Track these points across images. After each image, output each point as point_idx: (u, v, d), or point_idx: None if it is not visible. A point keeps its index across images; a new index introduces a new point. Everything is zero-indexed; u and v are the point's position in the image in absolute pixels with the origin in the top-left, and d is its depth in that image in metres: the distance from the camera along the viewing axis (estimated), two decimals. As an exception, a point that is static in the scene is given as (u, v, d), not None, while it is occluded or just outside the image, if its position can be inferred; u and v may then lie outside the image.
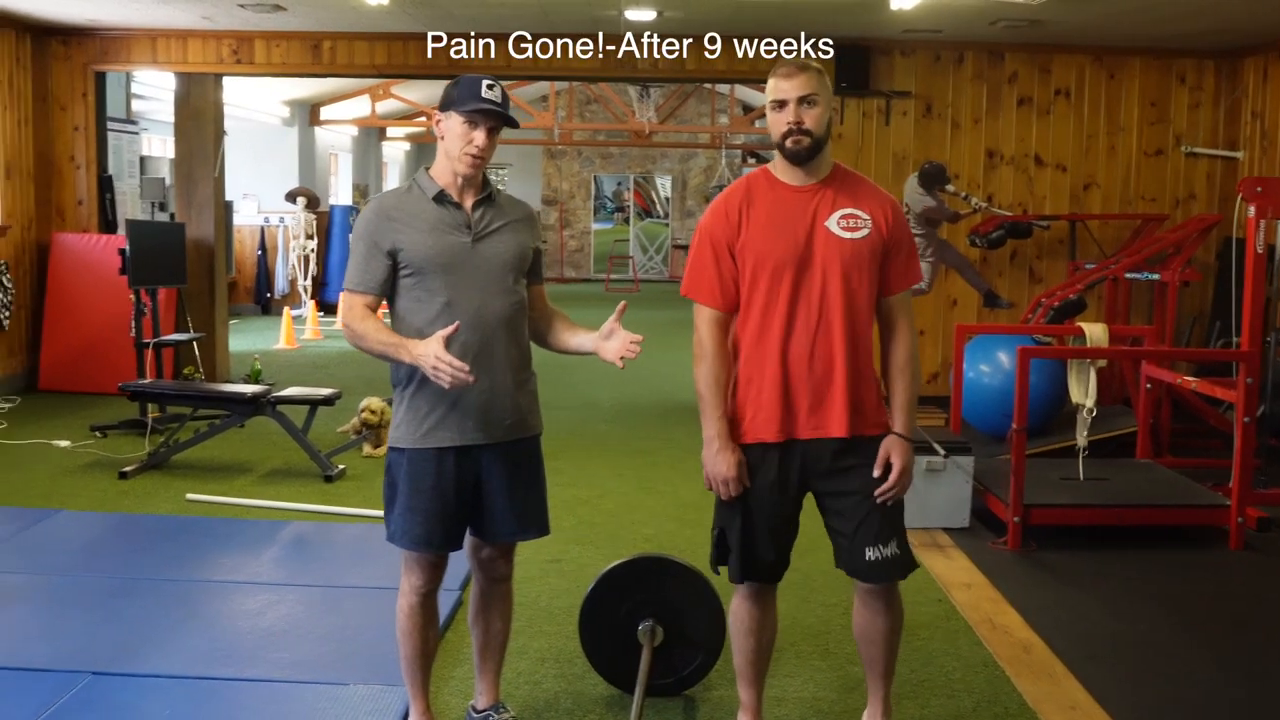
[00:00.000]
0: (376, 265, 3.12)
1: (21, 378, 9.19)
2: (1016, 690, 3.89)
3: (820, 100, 3.01)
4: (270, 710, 3.62)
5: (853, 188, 3.11)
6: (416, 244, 3.10)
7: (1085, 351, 6.17)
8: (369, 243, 3.12)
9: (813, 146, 3.03)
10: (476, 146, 3.10)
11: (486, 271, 3.14)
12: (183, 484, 6.42)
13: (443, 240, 3.11)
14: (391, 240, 3.10)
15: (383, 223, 3.13)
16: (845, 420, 3.05)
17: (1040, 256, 9.24)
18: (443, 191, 3.15)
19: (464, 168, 3.12)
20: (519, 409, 3.22)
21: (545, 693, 3.81)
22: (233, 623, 4.36)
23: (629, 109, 18.41)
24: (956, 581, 5.00)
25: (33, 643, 4.10)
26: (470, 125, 3.09)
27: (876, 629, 3.26)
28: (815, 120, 3.01)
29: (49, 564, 5.00)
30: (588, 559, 5.15)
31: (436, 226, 3.12)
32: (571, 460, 7.19)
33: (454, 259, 3.11)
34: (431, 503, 3.14)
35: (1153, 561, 5.39)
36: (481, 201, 3.19)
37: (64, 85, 9.42)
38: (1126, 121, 9.14)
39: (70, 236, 9.37)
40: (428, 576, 3.25)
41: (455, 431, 3.13)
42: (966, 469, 5.76)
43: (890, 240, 3.09)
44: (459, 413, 3.11)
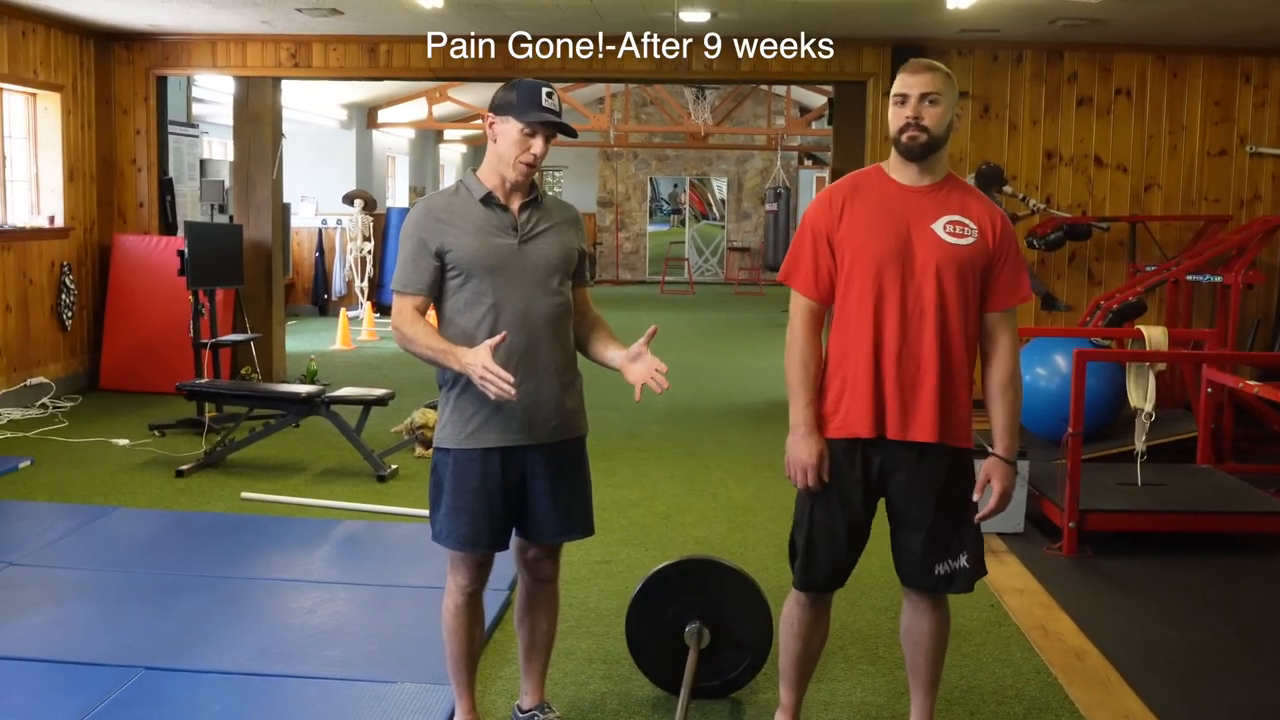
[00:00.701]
0: (424, 266, 3.13)
1: (83, 377, 9.35)
2: (1069, 698, 3.82)
3: (943, 101, 2.98)
4: (318, 707, 3.65)
5: (964, 195, 3.07)
6: (464, 245, 3.11)
7: (1143, 355, 6.07)
8: (416, 243, 3.13)
9: (928, 144, 2.99)
10: (533, 155, 3.10)
11: (532, 274, 3.14)
12: (238, 483, 6.48)
13: (489, 242, 3.12)
14: (439, 241, 3.11)
15: (430, 223, 3.14)
16: (933, 425, 3.00)
17: (1099, 258, 9.11)
18: (490, 193, 3.15)
19: (516, 175, 3.13)
20: (563, 411, 3.21)
21: (591, 694, 3.80)
22: (284, 620, 4.40)
23: (685, 111, 18.40)
24: (1009, 587, 4.93)
25: (88, 637, 4.16)
26: (529, 134, 3.09)
27: (921, 631, 3.22)
28: (934, 119, 2.97)
29: (106, 560, 5.07)
30: (637, 560, 5.14)
31: (483, 228, 3.12)
32: (624, 462, 7.19)
33: (500, 261, 3.11)
34: (477, 503, 3.15)
35: (1212, 569, 5.29)
36: (529, 204, 3.19)
37: (126, 89, 9.57)
38: (1189, 121, 8.99)
39: (131, 238, 9.51)
40: (473, 576, 3.27)
41: (500, 432, 3.13)
42: (1022, 474, 5.68)
43: (996, 253, 3.03)
44: (504, 414, 3.11)
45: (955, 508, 3.08)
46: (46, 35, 8.77)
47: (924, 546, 3.09)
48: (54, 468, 6.78)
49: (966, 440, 3.08)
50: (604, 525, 5.67)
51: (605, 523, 5.75)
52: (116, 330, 9.41)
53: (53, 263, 8.95)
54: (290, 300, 14.52)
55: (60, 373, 9.02)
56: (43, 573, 4.87)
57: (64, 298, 9.04)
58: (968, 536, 3.11)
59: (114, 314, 9.43)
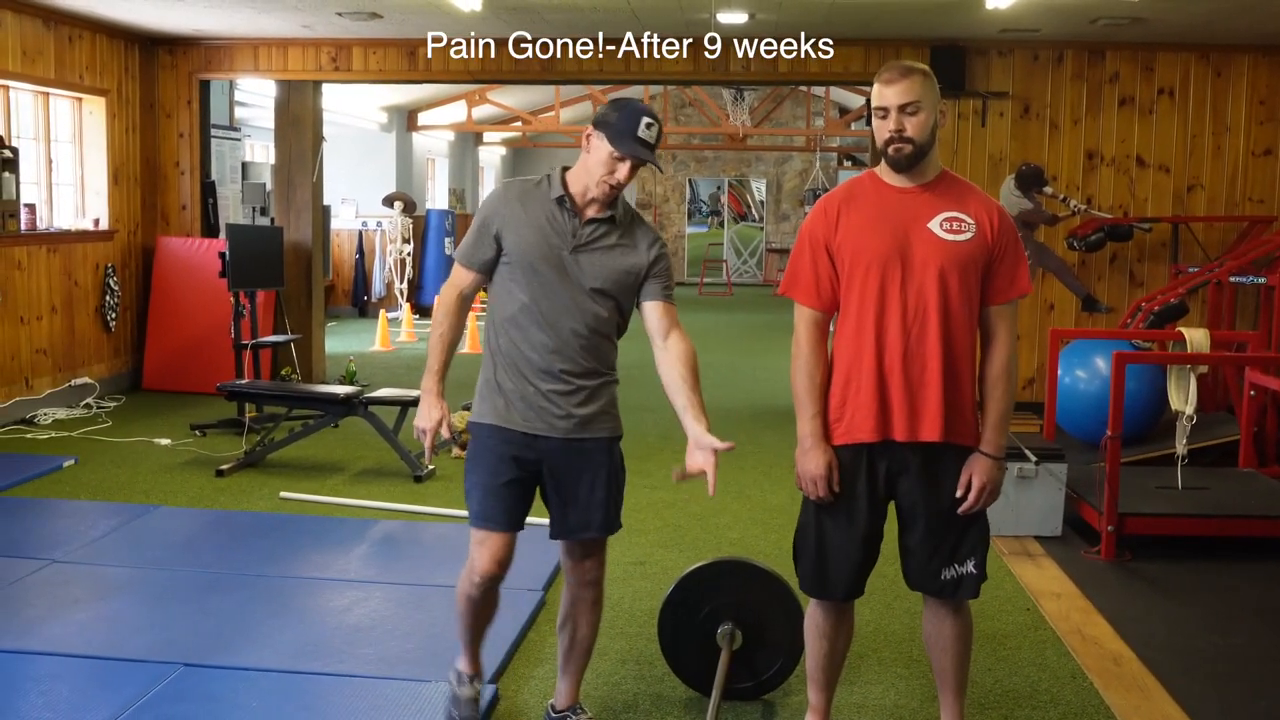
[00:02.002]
0: (484, 245, 3.24)
1: (126, 377, 9.46)
2: (1105, 703, 3.79)
3: (923, 107, 2.97)
4: (355, 705, 3.68)
5: (960, 192, 3.06)
6: (520, 237, 3.19)
7: (1184, 357, 6.01)
8: (482, 220, 3.27)
9: (914, 154, 2.99)
10: (617, 180, 3.15)
11: (574, 283, 3.19)
12: (277, 482, 6.54)
13: (545, 242, 3.18)
14: (499, 225, 3.22)
15: (501, 206, 3.25)
16: (939, 424, 2.99)
17: (1141, 260, 9.03)
18: (564, 196, 3.21)
19: (598, 193, 3.17)
20: (580, 413, 3.24)
21: (624, 694, 3.81)
22: (321, 618, 4.43)
23: (723, 112, 18.38)
24: (1046, 591, 4.90)
25: (129, 634, 4.21)
26: (618, 159, 3.13)
27: (944, 635, 3.21)
28: (917, 128, 2.96)
29: (147, 558, 5.13)
30: (672, 562, 5.14)
31: (544, 227, 3.19)
32: (660, 463, 7.18)
33: (547, 262, 3.17)
34: (485, 476, 3.25)
35: (1253, 574, 5.23)
36: (600, 219, 3.22)
37: (170, 93, 9.69)
38: (1234, 121, 8.89)
39: (174, 240, 9.62)
40: (493, 557, 3.27)
41: (518, 415, 3.23)
42: (1059, 476, 5.65)
43: (995, 247, 3.02)
44: (522, 403, 3.22)
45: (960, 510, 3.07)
46: (92, 40, 8.89)
47: (928, 549, 3.08)
48: (97, 467, 6.87)
49: (973, 439, 3.06)
50: (639, 526, 5.73)
51: (640, 524, 5.80)
52: (159, 331, 9.52)
53: (97, 265, 9.07)
54: (330, 302, 14.61)
55: (104, 373, 9.14)
56: (85, 570, 4.94)
57: (108, 299, 9.16)
58: (975, 541, 3.10)
59: (157, 315, 9.53)
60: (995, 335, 3.08)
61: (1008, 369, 3.07)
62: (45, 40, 8.34)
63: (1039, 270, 8.56)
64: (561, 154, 23.31)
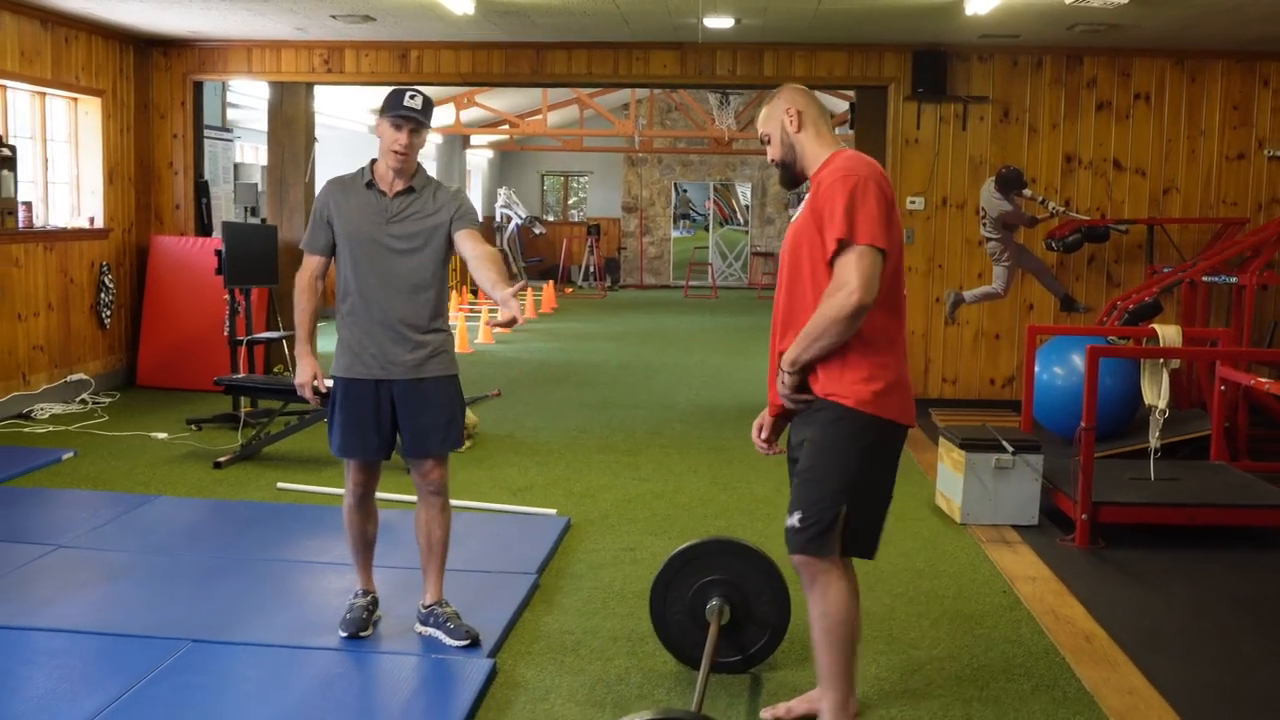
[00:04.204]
0: (321, 232, 4.02)
1: (121, 374, 9.59)
2: (1076, 676, 3.97)
3: (770, 135, 3.35)
4: (355, 675, 3.85)
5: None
6: (344, 219, 3.96)
7: (1155, 351, 6.20)
8: (316, 212, 4.04)
9: (786, 169, 3.37)
10: (401, 144, 3.87)
11: (392, 249, 3.92)
12: (274, 474, 6.68)
13: (364, 219, 3.93)
14: (329, 213, 4.00)
15: (329, 198, 4.02)
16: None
17: (1118, 261, 9.24)
18: (371, 180, 3.97)
19: (394, 162, 3.91)
20: (415, 356, 3.96)
21: (616, 669, 3.97)
22: (323, 599, 4.58)
23: (709, 117, 18.57)
24: (1022, 575, 5.08)
25: (138, 613, 4.36)
26: (394, 127, 3.87)
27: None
28: (775, 152, 3.36)
29: (151, 544, 5.27)
30: (661, 548, 5.29)
31: (362, 207, 3.95)
32: (648, 457, 7.36)
33: (365, 235, 3.92)
34: (352, 419, 4.01)
35: (1222, 561, 5.41)
36: (403, 192, 3.96)
37: (164, 94, 9.83)
38: (1208, 125, 9.11)
39: (168, 239, 9.75)
40: (359, 480, 4.12)
41: (365, 367, 3.98)
42: (1035, 467, 5.82)
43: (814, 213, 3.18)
44: (368, 354, 3.96)
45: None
46: (88, 41, 9.02)
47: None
48: (96, 459, 7.00)
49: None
50: (628, 515, 5.90)
51: (630, 513, 5.97)
52: (153, 329, 9.64)
53: (92, 263, 9.19)
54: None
55: (99, 370, 9.26)
56: (91, 555, 5.08)
57: (103, 296, 9.28)
58: (799, 495, 3.29)
59: (151, 313, 9.66)
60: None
61: (830, 294, 3.11)
62: (42, 41, 8.47)
63: (1018, 271, 8.75)
64: (548, 157, 23.48)
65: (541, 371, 11.14)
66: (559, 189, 26.15)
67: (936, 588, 4.91)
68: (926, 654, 4.16)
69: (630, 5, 7.79)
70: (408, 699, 3.72)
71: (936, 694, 3.81)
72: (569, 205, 26.40)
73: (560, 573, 5.00)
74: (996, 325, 9.32)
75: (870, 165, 3.21)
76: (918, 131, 9.17)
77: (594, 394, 9.86)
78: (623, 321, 15.89)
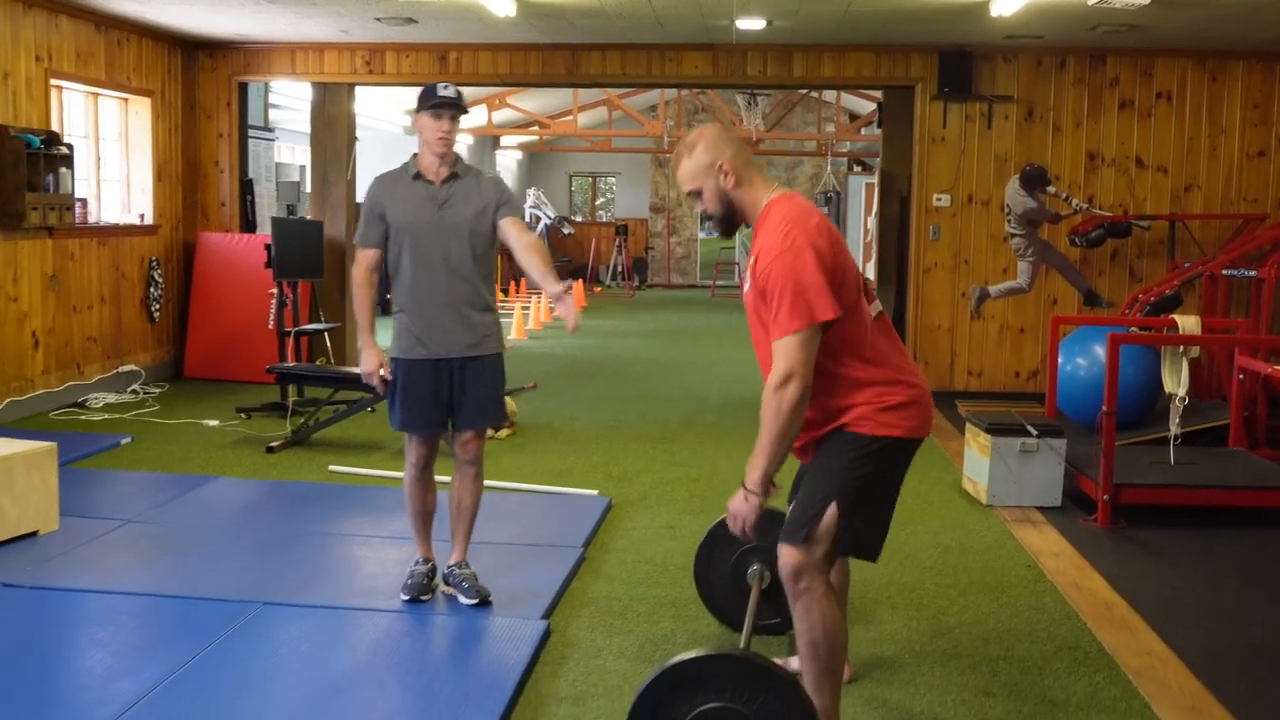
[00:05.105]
0: (375, 226, 4.26)
1: (169, 366, 9.90)
2: (1096, 639, 4.21)
3: (701, 186, 3.20)
4: (420, 633, 4.13)
5: (759, 236, 3.18)
6: (397, 212, 4.22)
7: (1174, 339, 6.41)
8: (369, 207, 4.29)
9: (724, 222, 3.27)
10: (444, 130, 4.14)
11: (447, 233, 4.19)
12: (324, 458, 6.96)
13: (415, 210, 4.20)
14: (381, 207, 4.25)
15: (380, 193, 4.28)
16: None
17: (1140, 256, 9.44)
18: (418, 173, 4.23)
19: (439, 149, 4.17)
20: (472, 335, 4.26)
21: (662, 629, 4.23)
22: (381, 568, 4.85)
23: (737, 117, 18.80)
24: (1046, 551, 5.31)
25: (210, 579, 4.64)
26: (434, 116, 4.13)
27: None
28: (708, 203, 3.24)
29: (213, 520, 5.56)
30: (698, 525, 5.52)
31: (412, 199, 4.22)
32: (683, 445, 7.61)
33: (421, 223, 4.18)
34: (414, 397, 4.26)
35: (1237, 540, 5.63)
36: (447, 180, 4.22)
37: (210, 95, 10.14)
38: (1229, 123, 9.31)
39: (214, 235, 10.06)
40: (419, 452, 4.36)
41: (426, 348, 4.24)
42: (1059, 450, 6.05)
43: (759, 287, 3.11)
44: (428, 336, 4.23)
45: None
46: (139, 44, 9.34)
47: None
48: (152, 444, 7.29)
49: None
50: (666, 497, 6.17)
51: (667, 494, 6.23)
52: (200, 322, 9.95)
53: (142, 258, 9.51)
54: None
55: (148, 361, 9.58)
56: (158, 529, 5.36)
57: (152, 291, 9.60)
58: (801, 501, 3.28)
59: (198, 307, 9.97)
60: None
61: (771, 393, 3.06)
62: (97, 43, 8.79)
63: (1042, 266, 8.96)
64: (576, 158, 23.76)
65: (574, 366, 11.41)
66: (587, 189, 26.44)
67: (964, 562, 5.14)
68: (955, 619, 4.40)
69: (665, 8, 8.04)
70: (471, 655, 3.99)
71: (964, 654, 4.05)
72: (597, 206, 26.68)
73: (605, 547, 5.26)
74: (1021, 319, 9.53)
75: (804, 222, 3.07)
76: (944, 130, 9.39)
77: (627, 387, 10.11)
78: (652, 319, 16.14)
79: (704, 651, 2.92)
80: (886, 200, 10.20)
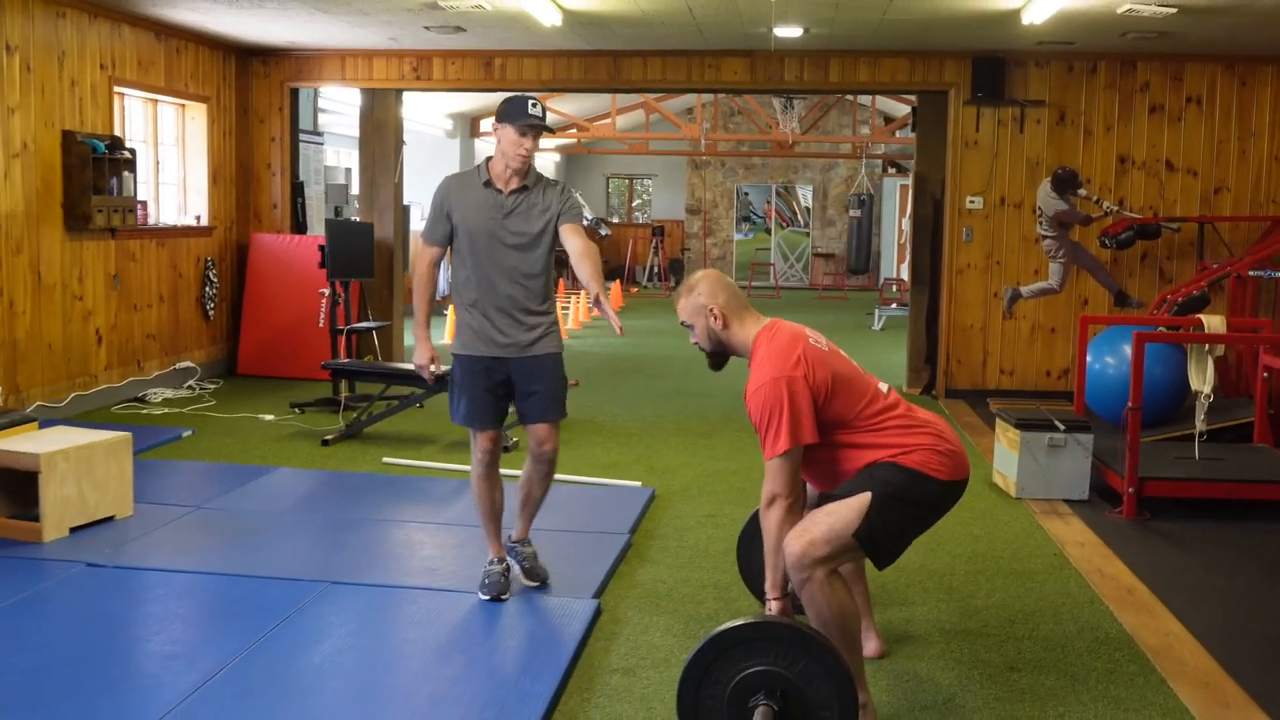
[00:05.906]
0: (440, 224, 4.46)
1: (223, 363, 10.25)
2: (1117, 620, 4.43)
3: (693, 321, 3.59)
4: (479, 611, 4.38)
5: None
6: (463, 214, 4.39)
7: (1199, 337, 6.60)
8: (436, 205, 4.46)
9: (714, 357, 3.66)
10: (526, 149, 4.31)
11: (507, 242, 4.37)
12: (378, 450, 7.26)
13: (480, 214, 4.37)
14: (449, 207, 4.44)
15: (448, 193, 4.46)
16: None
17: (1170, 258, 9.61)
18: (489, 180, 4.40)
19: (517, 164, 4.34)
20: (528, 336, 4.43)
21: (706, 609, 4.49)
22: (442, 551, 5.13)
23: (773, 120, 19.02)
24: (1072, 540, 5.53)
25: (278, 560, 4.95)
26: (522, 134, 4.29)
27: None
28: (700, 338, 3.62)
29: (276, 507, 5.86)
30: (739, 514, 5.80)
31: (479, 203, 4.39)
32: (722, 440, 7.87)
33: (483, 229, 4.36)
34: (474, 393, 4.45)
35: (1260, 533, 5.82)
36: (518, 190, 4.39)
37: (263, 100, 10.47)
38: (1258, 127, 9.47)
39: (267, 236, 10.39)
40: (483, 446, 4.51)
41: (485, 346, 4.43)
42: (1086, 445, 6.26)
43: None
44: (486, 335, 4.42)
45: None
46: (196, 52, 9.68)
47: None
48: (212, 437, 7.62)
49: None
50: (707, 488, 6.43)
51: (708, 486, 6.49)
52: (252, 320, 10.29)
53: (198, 258, 9.85)
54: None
55: (203, 359, 9.92)
56: (225, 515, 5.67)
57: (207, 290, 9.94)
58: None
59: (250, 306, 10.31)
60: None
61: (762, 512, 3.42)
62: (157, 51, 9.14)
63: (1074, 267, 9.16)
64: (613, 160, 24.05)
65: (614, 364, 11.69)
66: (623, 191, 26.73)
67: (992, 550, 5.38)
68: (983, 602, 4.64)
69: (705, 15, 8.30)
70: (528, 631, 4.26)
71: (990, 633, 4.29)
72: (633, 207, 26.96)
73: (650, 534, 5.52)
74: (1052, 319, 9.73)
75: (783, 357, 3.38)
76: (977, 134, 9.60)
77: (666, 384, 10.38)
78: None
79: (750, 619, 3.18)
80: (920, 202, 10.41)
